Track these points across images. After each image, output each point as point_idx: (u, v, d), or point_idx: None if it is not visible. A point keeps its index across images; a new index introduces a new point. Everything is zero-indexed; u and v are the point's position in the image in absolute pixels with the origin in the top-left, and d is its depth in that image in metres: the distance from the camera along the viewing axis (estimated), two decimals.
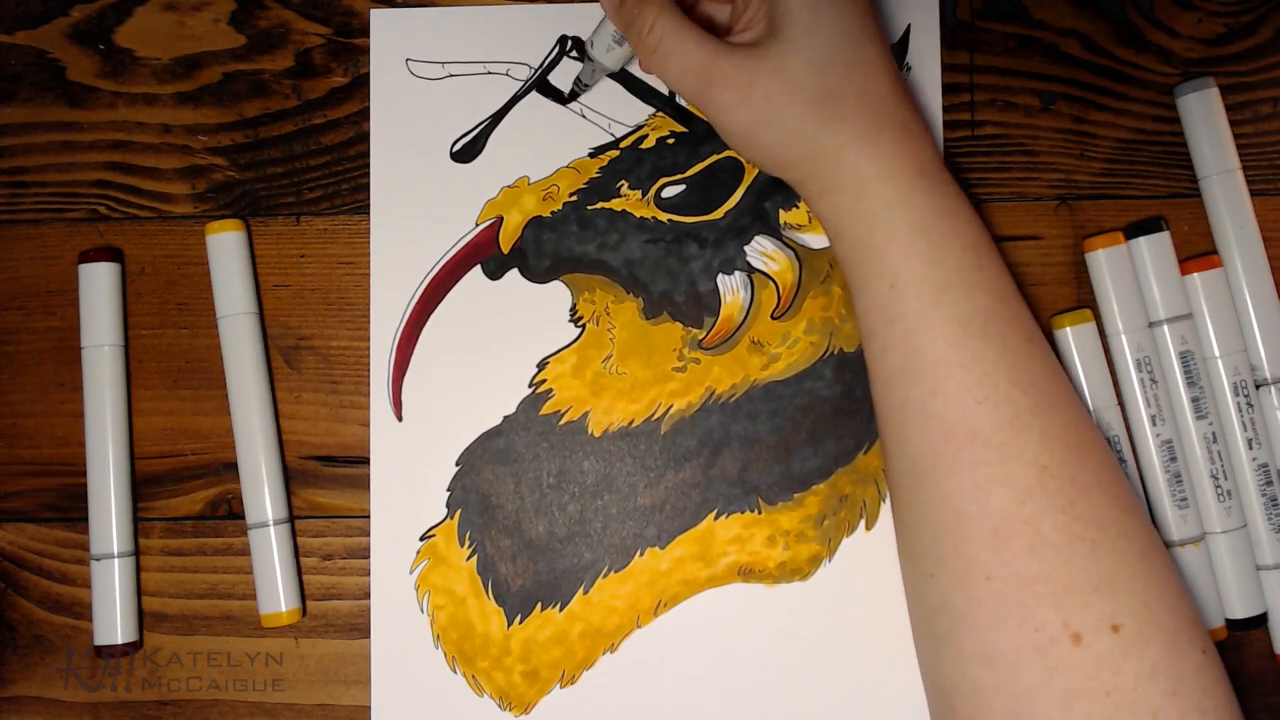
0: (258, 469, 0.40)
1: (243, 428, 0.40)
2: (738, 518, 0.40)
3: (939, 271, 0.33)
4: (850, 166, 0.34)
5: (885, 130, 0.34)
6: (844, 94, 0.33)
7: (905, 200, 0.34)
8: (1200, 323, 0.39)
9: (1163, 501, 0.39)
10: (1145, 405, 0.39)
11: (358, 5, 0.42)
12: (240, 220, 0.41)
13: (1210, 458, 0.39)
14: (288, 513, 0.40)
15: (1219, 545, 0.39)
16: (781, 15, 0.33)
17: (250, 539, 0.40)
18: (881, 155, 0.34)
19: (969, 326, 0.33)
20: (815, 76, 0.33)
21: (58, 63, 0.42)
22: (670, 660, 0.40)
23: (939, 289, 0.33)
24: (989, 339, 0.33)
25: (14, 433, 0.41)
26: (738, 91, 0.33)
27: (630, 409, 0.40)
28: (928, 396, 0.33)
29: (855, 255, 0.35)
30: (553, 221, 0.41)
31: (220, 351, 0.41)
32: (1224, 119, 0.40)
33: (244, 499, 0.40)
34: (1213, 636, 0.38)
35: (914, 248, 0.33)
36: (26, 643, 0.41)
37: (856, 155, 0.34)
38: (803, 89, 0.33)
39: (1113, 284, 0.39)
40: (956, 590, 0.33)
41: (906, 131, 0.34)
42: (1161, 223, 0.39)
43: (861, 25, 0.34)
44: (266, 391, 0.40)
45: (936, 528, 0.33)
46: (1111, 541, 0.32)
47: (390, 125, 0.41)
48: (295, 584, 0.40)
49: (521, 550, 0.40)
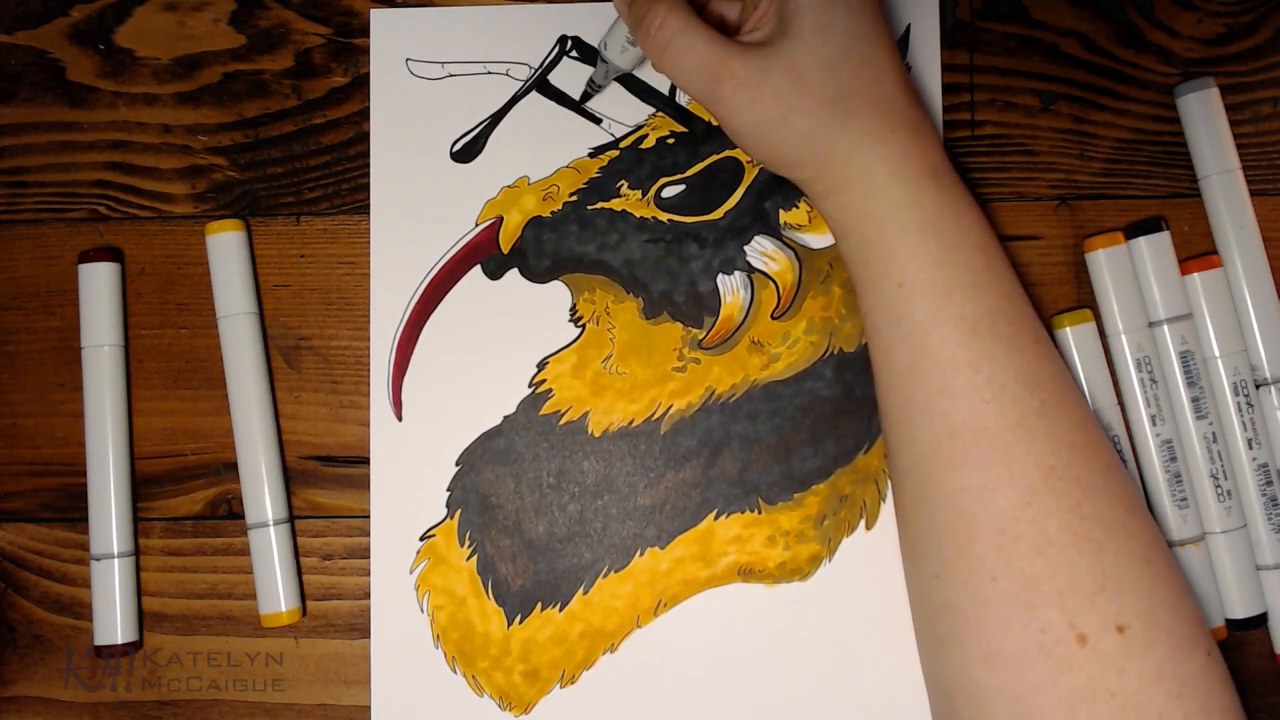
0: (258, 469, 0.40)
1: (243, 428, 0.40)
2: (738, 518, 0.40)
3: (948, 271, 0.33)
4: (859, 166, 0.34)
5: (896, 130, 0.34)
6: (854, 93, 0.33)
7: (915, 200, 0.34)
8: (1200, 323, 0.39)
9: (1163, 501, 0.39)
10: (1145, 405, 0.39)
11: (358, 5, 0.42)
12: (240, 220, 0.41)
13: (1210, 458, 0.39)
14: (288, 513, 0.40)
15: (1219, 545, 0.39)
16: (793, 13, 0.33)
17: (250, 539, 0.40)
18: (891, 154, 0.34)
19: (978, 326, 0.33)
20: (827, 75, 0.33)
21: (58, 63, 0.42)
22: (670, 660, 0.40)
23: (948, 289, 0.33)
24: (997, 339, 0.33)
25: (14, 433, 0.41)
26: (748, 91, 0.33)
27: (630, 409, 0.40)
28: (935, 396, 0.33)
29: (863, 255, 0.35)
30: (553, 221, 0.41)
31: (220, 351, 0.41)
32: (1224, 119, 0.40)
33: (244, 499, 0.40)
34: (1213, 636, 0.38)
35: (923, 247, 0.33)
36: (26, 643, 0.41)
37: (866, 155, 0.34)
38: (814, 88, 0.33)
39: (1113, 284, 0.39)
40: (962, 590, 0.32)
41: (916, 131, 0.34)
42: (1161, 223, 0.39)
43: (873, 24, 0.34)
44: (266, 391, 0.40)
45: (941, 528, 0.33)
46: (1117, 542, 0.32)
47: (390, 125, 0.41)
48: (295, 584, 0.40)
49: (521, 550, 0.40)
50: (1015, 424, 0.32)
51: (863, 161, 0.34)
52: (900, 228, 0.34)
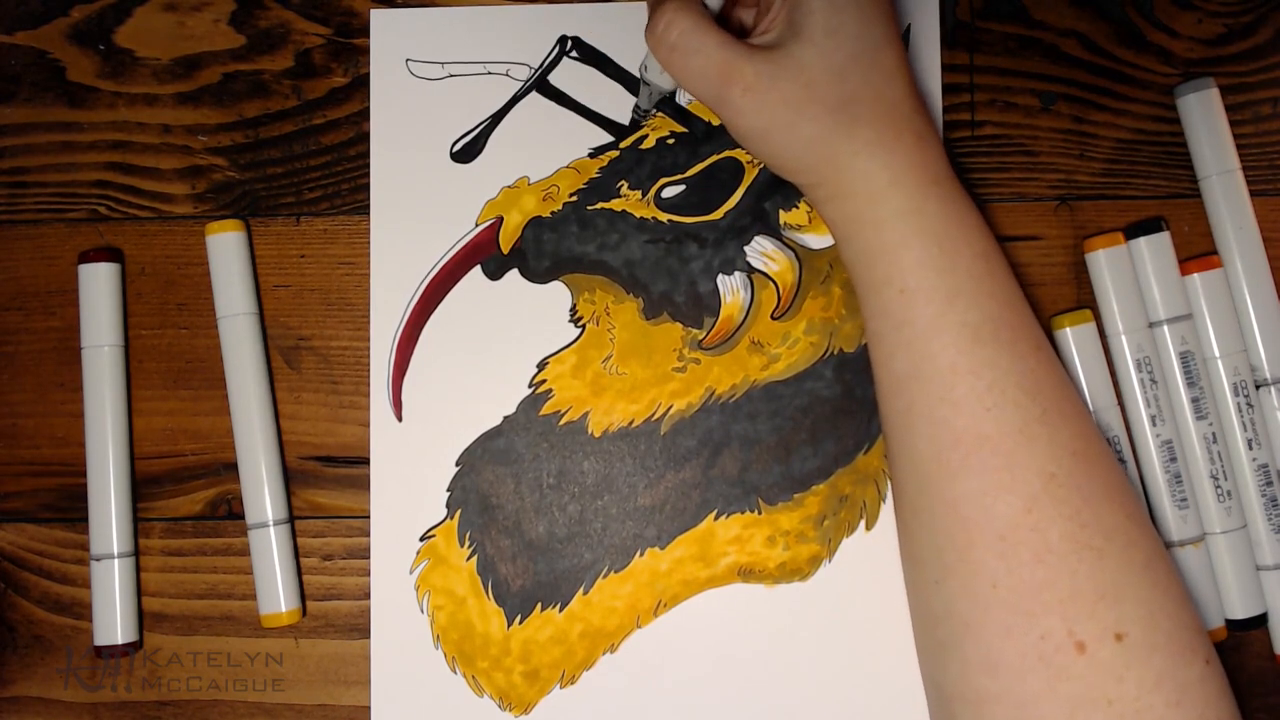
0: (258, 469, 0.40)
1: (243, 428, 0.40)
2: (738, 518, 0.40)
3: (950, 278, 0.33)
4: (863, 172, 0.34)
5: (900, 137, 0.34)
6: (861, 99, 0.33)
7: (918, 207, 0.33)
8: (1200, 323, 0.39)
9: (1163, 502, 0.39)
10: (1145, 405, 0.39)
11: (358, 5, 0.42)
12: (240, 220, 0.41)
13: (1210, 458, 0.39)
14: (288, 513, 0.40)
15: (1219, 545, 0.39)
16: (803, 16, 0.33)
17: (250, 539, 0.40)
18: (895, 162, 0.33)
19: (980, 333, 0.33)
20: (835, 80, 0.33)
21: (58, 63, 0.42)
22: (670, 660, 0.40)
23: (950, 296, 0.33)
24: (999, 346, 0.33)
25: (14, 433, 0.41)
26: (757, 95, 0.33)
27: (630, 409, 0.40)
28: (936, 402, 0.33)
29: (864, 260, 0.35)
30: (553, 222, 0.41)
31: (220, 352, 0.41)
32: (1224, 119, 0.40)
33: (244, 499, 0.40)
34: (1212, 637, 0.38)
35: (925, 254, 0.33)
36: (26, 643, 0.41)
37: (870, 162, 0.33)
38: (822, 94, 0.33)
39: (1112, 284, 0.39)
40: (962, 597, 0.32)
41: (920, 139, 0.34)
42: (1161, 223, 0.39)
43: (883, 29, 0.33)
44: (267, 392, 0.40)
45: (942, 534, 0.33)
46: (1118, 550, 0.32)
47: (390, 125, 0.41)
48: (295, 584, 0.40)
49: (521, 550, 0.40)
50: (1017, 431, 0.32)
51: (866, 168, 0.34)
52: (902, 235, 0.34)
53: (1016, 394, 0.33)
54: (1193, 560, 0.39)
